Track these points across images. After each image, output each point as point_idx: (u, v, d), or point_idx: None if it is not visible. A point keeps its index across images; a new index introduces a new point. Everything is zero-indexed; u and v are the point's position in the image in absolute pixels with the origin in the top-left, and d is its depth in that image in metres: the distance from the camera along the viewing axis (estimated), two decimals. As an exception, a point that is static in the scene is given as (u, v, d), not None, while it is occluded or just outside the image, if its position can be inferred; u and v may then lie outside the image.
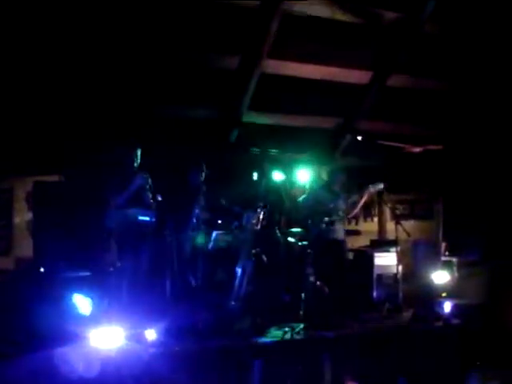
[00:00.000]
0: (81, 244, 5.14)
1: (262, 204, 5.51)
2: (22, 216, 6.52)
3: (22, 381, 3.74)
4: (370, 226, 8.43)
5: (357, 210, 6.10)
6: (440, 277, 5.80)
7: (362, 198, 6.04)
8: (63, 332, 4.26)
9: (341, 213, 6.01)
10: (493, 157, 7.49)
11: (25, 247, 6.43)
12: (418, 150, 6.90)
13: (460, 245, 6.50)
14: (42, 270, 5.05)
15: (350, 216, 6.10)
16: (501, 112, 7.44)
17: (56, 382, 3.82)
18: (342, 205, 6.05)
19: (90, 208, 5.09)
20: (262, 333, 4.90)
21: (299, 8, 6.00)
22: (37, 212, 5.86)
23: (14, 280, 5.55)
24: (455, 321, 5.47)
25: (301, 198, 6.34)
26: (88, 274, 4.63)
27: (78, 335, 4.25)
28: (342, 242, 6.04)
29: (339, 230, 6.01)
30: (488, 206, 7.18)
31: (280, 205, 6.33)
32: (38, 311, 4.31)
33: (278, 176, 6.48)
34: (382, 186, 5.97)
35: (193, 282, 5.20)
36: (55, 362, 3.88)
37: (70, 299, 4.42)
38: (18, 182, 6.53)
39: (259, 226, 5.44)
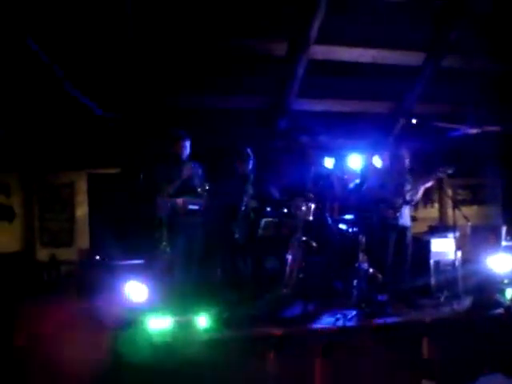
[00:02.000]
0: (134, 233, 5.31)
1: (311, 195, 5.48)
2: (83, 209, 6.85)
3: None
4: (430, 212, 8.21)
5: (420, 194, 5.84)
6: (501, 262, 5.54)
7: (428, 182, 5.79)
8: (120, 318, 4.41)
9: (408, 197, 5.79)
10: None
11: (86, 239, 6.77)
12: (475, 131, 6.59)
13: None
14: (97, 258, 5.28)
15: (415, 201, 5.85)
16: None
17: (113, 366, 3.97)
18: (407, 190, 5.83)
19: (142, 198, 5.24)
20: (314, 320, 4.88)
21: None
22: (92, 204, 6.12)
23: (75, 269, 5.84)
24: (517, 308, 5.21)
25: (353, 184, 6.22)
26: (141, 261, 4.78)
27: (134, 322, 4.40)
28: (407, 229, 5.84)
29: (406, 216, 5.82)
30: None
31: (331, 192, 6.23)
32: (95, 299, 4.50)
33: (328, 163, 6.39)
34: (451, 170, 5.67)
35: (243, 270, 5.25)
36: (114, 346, 4.05)
37: (125, 286, 4.57)
38: (78, 176, 6.87)
39: (310, 216, 5.41)
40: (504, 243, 6.09)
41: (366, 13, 6.18)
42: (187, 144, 5.39)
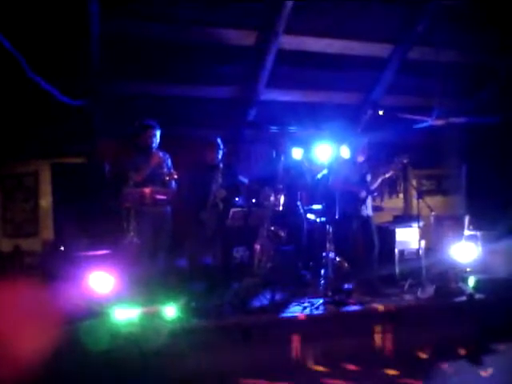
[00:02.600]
0: (100, 223, 5.23)
1: (280, 185, 5.51)
2: (48, 199, 6.69)
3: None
4: (396, 203, 8.36)
5: (378, 184, 5.92)
6: (463, 251, 5.69)
7: (387, 172, 5.88)
8: (84, 309, 4.36)
9: (371, 188, 5.88)
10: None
11: (50, 229, 6.62)
12: (440, 123, 6.73)
13: (484, 219, 6.35)
14: (61, 249, 5.18)
15: (373, 190, 5.94)
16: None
17: (76, 357, 3.92)
18: (369, 180, 5.91)
19: (108, 188, 5.16)
20: (282, 309, 4.93)
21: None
22: (56, 193, 5.99)
23: (39, 260, 5.72)
24: (479, 296, 5.36)
25: (320, 175, 6.26)
26: (107, 252, 4.71)
27: (99, 312, 4.35)
28: (370, 218, 5.93)
29: (368, 206, 5.91)
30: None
31: (300, 182, 6.26)
32: (59, 290, 4.42)
33: (297, 153, 6.41)
34: (406, 159, 5.78)
35: (212, 259, 5.24)
36: (76, 338, 4.00)
37: (90, 277, 4.50)
38: (42, 165, 6.70)
39: (279, 207, 5.44)
40: (466, 232, 6.25)
41: (334, 3, 6.20)
42: (156, 133, 5.32)
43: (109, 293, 4.51)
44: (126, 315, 4.38)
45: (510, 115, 6.96)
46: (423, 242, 5.89)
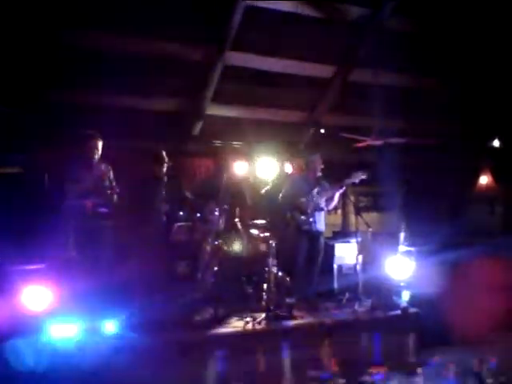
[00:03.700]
0: (37, 235, 5.04)
1: (223, 200, 5.54)
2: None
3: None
4: (334, 219, 8.55)
5: (336, 200, 6.12)
6: (398, 266, 5.92)
7: (342, 188, 6.05)
8: (17, 326, 4.17)
9: (322, 204, 6.02)
10: (452, 149, 7.71)
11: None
12: (379, 142, 7.01)
13: (418, 235, 6.65)
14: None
15: (332, 207, 6.11)
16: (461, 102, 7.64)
17: (10, 376, 3.75)
18: (322, 196, 6.07)
19: (47, 199, 5.00)
20: (224, 324, 4.93)
21: (263, 1, 6.01)
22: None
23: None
24: (412, 309, 5.60)
25: (264, 190, 6.35)
26: (43, 266, 4.54)
27: (34, 329, 4.18)
28: (320, 234, 6.07)
29: (320, 222, 6.05)
30: (445, 198, 7.38)
31: (243, 197, 6.33)
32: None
33: (241, 168, 6.49)
34: (364, 174, 5.99)
35: (154, 274, 5.17)
36: (8, 357, 3.82)
37: (24, 292, 4.32)
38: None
39: (222, 225, 5.47)
40: (401, 248, 6.50)
41: (280, 24, 6.36)
42: (98, 144, 5.22)
43: (44, 308, 4.34)
44: (62, 332, 4.23)
45: (445, 137, 7.37)
46: (360, 257, 6.07)
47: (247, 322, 4.94)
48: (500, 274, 6.71)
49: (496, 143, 7.77)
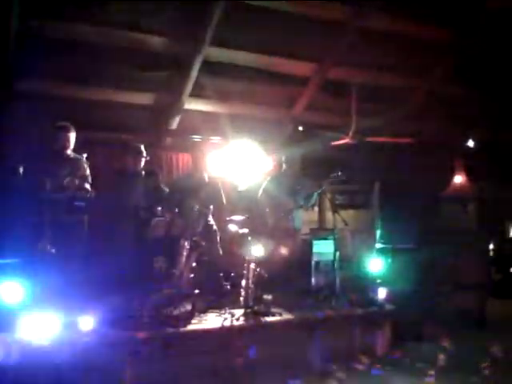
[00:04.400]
0: (11, 230, 4.90)
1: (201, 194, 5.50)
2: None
3: None
4: (310, 215, 8.57)
5: (315, 198, 6.15)
6: (374, 264, 5.99)
7: (320, 189, 6.09)
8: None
9: (302, 201, 6.01)
10: (427, 148, 7.83)
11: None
12: (355, 140, 7.08)
13: (394, 233, 6.74)
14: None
15: (311, 205, 6.14)
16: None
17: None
18: (301, 194, 6.08)
19: (21, 194, 4.86)
20: (202, 320, 4.89)
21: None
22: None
23: None
24: (388, 306, 5.67)
25: (244, 186, 6.33)
26: (16, 260, 4.42)
27: (7, 324, 4.07)
28: (297, 231, 6.07)
29: (298, 219, 6.04)
30: (422, 196, 7.49)
31: (218, 194, 6.27)
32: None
33: (220, 163, 6.45)
34: (341, 173, 6.05)
35: (131, 269, 5.09)
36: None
37: (-2, 286, 4.21)
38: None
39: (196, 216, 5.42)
40: (378, 246, 6.58)
41: (260, 20, 6.34)
42: (71, 136, 5.12)
43: (19, 303, 4.23)
44: (37, 327, 4.12)
45: (420, 136, 7.49)
46: (338, 254, 6.11)
47: (225, 319, 4.91)
48: (472, 272, 6.88)
49: (470, 143, 7.93)
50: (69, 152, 5.15)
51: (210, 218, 5.84)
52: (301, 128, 7.53)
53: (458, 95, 7.93)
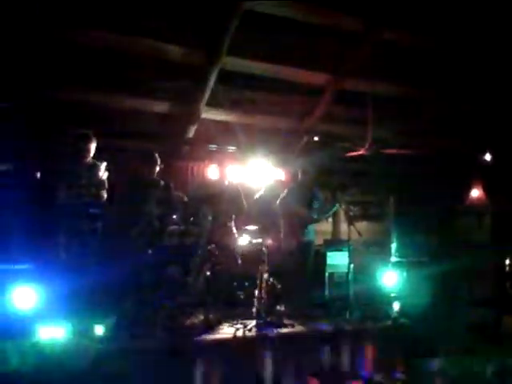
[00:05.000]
0: (25, 235, 4.93)
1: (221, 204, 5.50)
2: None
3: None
4: (325, 226, 8.54)
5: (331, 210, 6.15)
6: (389, 277, 5.93)
7: (336, 204, 6.08)
8: (4, 327, 4.07)
9: (318, 214, 6.03)
10: (444, 161, 7.76)
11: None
12: (371, 152, 7.04)
13: (409, 246, 6.67)
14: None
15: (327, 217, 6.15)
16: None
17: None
18: (317, 206, 6.07)
19: (37, 199, 4.90)
20: (215, 330, 4.87)
21: (260, 6, 5.99)
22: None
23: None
24: (403, 320, 5.59)
25: (258, 196, 6.33)
26: (30, 266, 4.44)
27: (21, 331, 4.08)
28: (311, 243, 6.06)
29: (311, 230, 6.04)
30: (437, 209, 7.42)
31: (236, 202, 6.27)
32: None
33: (234, 173, 6.45)
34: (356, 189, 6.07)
35: (145, 277, 5.09)
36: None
37: (11, 293, 4.22)
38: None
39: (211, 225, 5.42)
40: (393, 259, 6.51)
41: (277, 30, 6.35)
42: (92, 144, 5.15)
43: (32, 310, 4.25)
44: (50, 334, 4.14)
45: (438, 149, 7.42)
46: (352, 266, 6.06)
47: (238, 329, 4.88)
48: (487, 287, 6.77)
49: (488, 157, 7.84)
50: (88, 159, 5.18)
51: (233, 227, 5.85)
52: (316, 138, 7.50)
53: (473, 109, 7.87)
